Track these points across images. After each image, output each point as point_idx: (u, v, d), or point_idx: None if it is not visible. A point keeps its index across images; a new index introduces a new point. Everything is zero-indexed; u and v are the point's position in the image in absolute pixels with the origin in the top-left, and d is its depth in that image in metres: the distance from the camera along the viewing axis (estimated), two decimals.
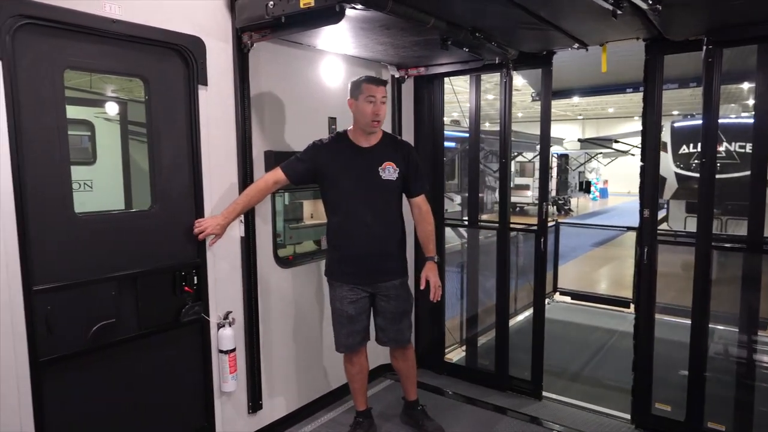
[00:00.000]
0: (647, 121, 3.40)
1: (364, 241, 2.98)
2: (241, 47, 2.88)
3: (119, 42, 2.43)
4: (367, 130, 2.97)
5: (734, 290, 3.44)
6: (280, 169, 2.93)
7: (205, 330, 2.89)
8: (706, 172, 3.24)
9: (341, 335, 3.12)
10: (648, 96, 3.37)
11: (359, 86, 2.90)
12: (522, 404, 3.83)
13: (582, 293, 7.08)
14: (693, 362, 3.30)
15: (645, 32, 3.08)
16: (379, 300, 3.10)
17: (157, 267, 2.67)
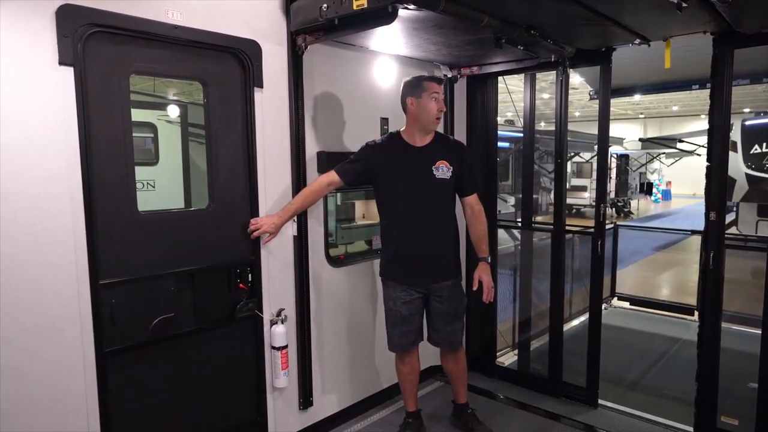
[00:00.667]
0: (714, 120, 3.21)
1: (418, 241, 2.98)
2: (296, 50, 2.94)
3: (180, 47, 2.54)
4: (428, 128, 2.98)
5: None
6: (334, 172, 2.97)
7: (258, 326, 2.97)
8: None
9: (394, 335, 3.13)
10: (715, 93, 3.18)
11: (420, 84, 2.91)
12: (576, 411, 3.71)
13: (642, 299, 6.78)
14: (763, 374, 3.09)
15: (713, 25, 2.91)
16: (432, 301, 3.09)
17: (214, 264, 2.76)
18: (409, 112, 2.97)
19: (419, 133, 2.99)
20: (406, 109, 2.98)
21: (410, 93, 2.94)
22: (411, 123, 3.00)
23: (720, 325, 3.29)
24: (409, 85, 2.96)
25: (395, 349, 3.17)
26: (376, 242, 4.01)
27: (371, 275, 3.68)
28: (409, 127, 3.02)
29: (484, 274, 3.06)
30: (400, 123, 3.67)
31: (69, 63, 2.16)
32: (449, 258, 3.08)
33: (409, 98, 2.94)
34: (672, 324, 5.90)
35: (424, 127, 2.96)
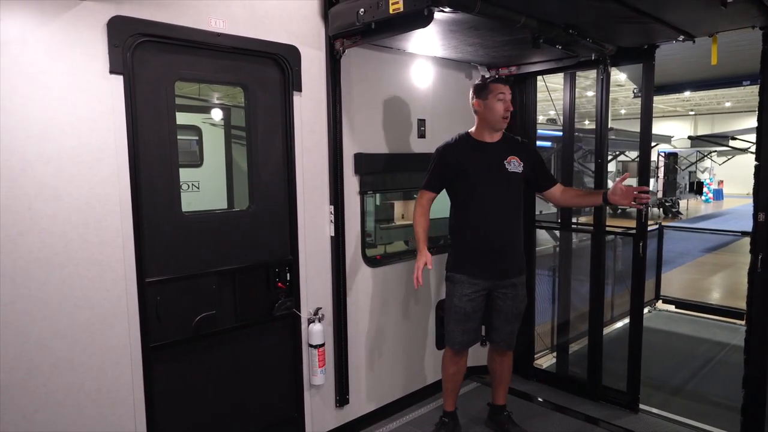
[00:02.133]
0: (764, 117, 3.09)
1: (492, 234, 3.04)
2: (334, 53, 3.00)
3: (223, 53, 2.64)
4: (496, 127, 3.08)
5: None
6: (425, 191, 3.10)
7: (296, 324, 3.05)
8: None
9: (456, 332, 3.13)
10: (766, 89, 3.05)
11: (486, 87, 3.02)
12: (615, 416, 3.63)
13: (688, 302, 6.54)
14: None
15: (762, 20, 2.80)
16: (496, 298, 3.12)
17: (254, 263, 2.85)
18: (477, 114, 3.10)
19: (488, 132, 3.10)
20: (475, 110, 3.11)
21: (477, 95, 3.06)
22: (480, 123, 3.12)
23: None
24: (476, 88, 3.08)
25: (455, 346, 3.17)
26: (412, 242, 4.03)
27: (408, 275, 3.70)
28: (478, 127, 3.13)
29: (617, 196, 2.97)
30: (437, 124, 3.72)
31: (119, 71, 2.28)
32: (520, 252, 3.17)
33: (475, 100, 3.07)
34: (720, 328, 5.67)
35: (492, 126, 3.07)
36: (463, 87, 3.91)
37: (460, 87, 3.90)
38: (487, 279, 3.07)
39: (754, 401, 3.19)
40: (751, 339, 3.20)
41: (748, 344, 3.22)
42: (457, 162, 3.06)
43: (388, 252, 4.22)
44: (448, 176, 3.08)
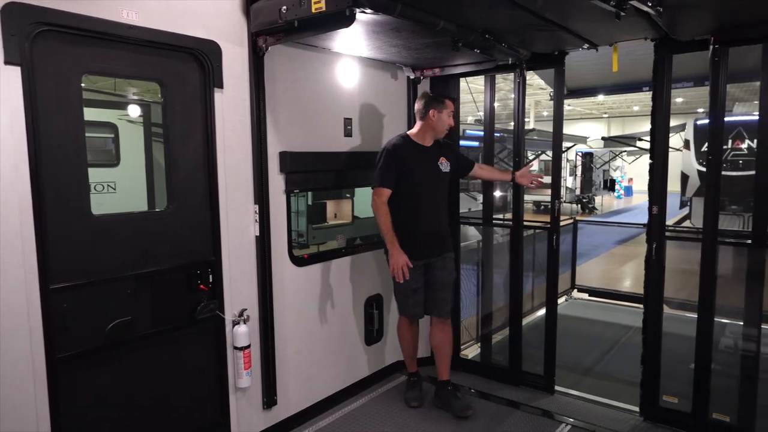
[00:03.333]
0: (656, 120, 3.39)
1: (432, 220, 3.56)
2: (256, 51, 2.97)
3: (136, 47, 2.53)
4: (439, 136, 3.59)
5: (740, 284, 3.42)
6: (381, 188, 3.41)
7: (220, 327, 2.99)
8: (714, 169, 3.24)
9: (408, 306, 3.63)
10: (657, 95, 3.36)
11: (443, 102, 3.49)
12: (534, 398, 3.87)
13: (600, 290, 7.03)
14: (699, 355, 3.31)
15: (653, 32, 3.07)
16: (432, 270, 3.59)
17: (173, 266, 2.77)
18: (428, 121, 3.49)
19: (429, 138, 3.56)
20: (425, 117, 3.49)
21: (435, 106, 3.47)
22: (426, 129, 3.53)
23: (662, 311, 3.50)
24: (435, 100, 3.48)
25: (409, 315, 3.69)
26: (341, 241, 4.07)
27: (337, 273, 3.74)
28: (422, 131, 3.54)
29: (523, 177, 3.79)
30: (364, 123, 3.77)
31: (16, 62, 2.13)
32: (448, 234, 3.74)
33: (432, 110, 3.47)
34: (627, 313, 6.14)
35: (437, 135, 3.57)
36: (388, 87, 3.99)
37: (386, 87, 3.98)
38: (425, 257, 3.54)
39: (651, 376, 3.51)
40: (647, 320, 3.51)
41: (645, 325, 3.53)
42: (405, 161, 3.43)
43: (321, 251, 4.23)
44: (397, 173, 3.41)
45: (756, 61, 3.73)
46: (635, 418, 3.56)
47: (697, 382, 3.32)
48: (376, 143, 3.91)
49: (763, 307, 3.33)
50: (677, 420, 3.42)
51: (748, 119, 12.33)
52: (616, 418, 3.58)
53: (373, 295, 4.04)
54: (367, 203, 4.44)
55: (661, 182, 3.38)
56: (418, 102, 3.52)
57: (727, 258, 3.62)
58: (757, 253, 3.23)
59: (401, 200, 3.46)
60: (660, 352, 3.47)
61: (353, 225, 5.01)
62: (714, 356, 3.32)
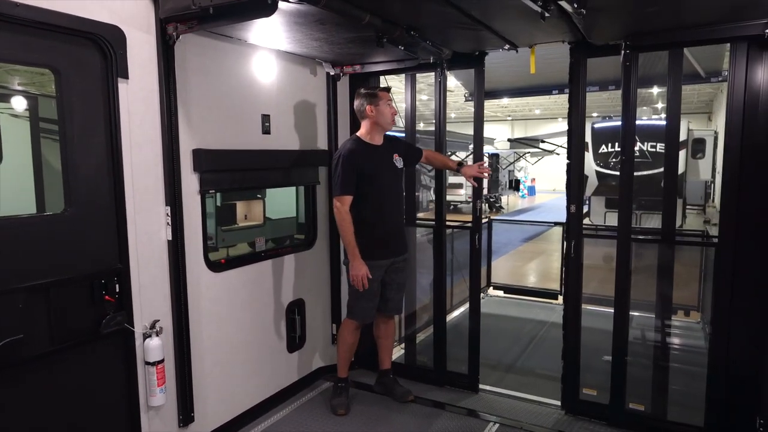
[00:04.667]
0: (572, 121, 3.53)
1: (394, 220, 3.60)
2: (166, 39, 2.71)
3: (24, 28, 2.21)
4: (387, 129, 3.53)
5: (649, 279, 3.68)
6: (343, 196, 3.33)
7: (128, 341, 2.70)
8: (626, 170, 3.42)
9: (365, 309, 3.55)
10: (573, 97, 3.49)
11: (376, 94, 3.43)
12: (460, 398, 3.90)
13: (514, 287, 7.31)
14: (615, 348, 3.47)
15: (570, 35, 3.19)
16: (390, 273, 3.58)
17: (73, 275, 2.46)
18: (369, 118, 3.44)
19: (378, 135, 3.51)
20: (365, 115, 3.44)
21: (369, 102, 3.42)
22: (371, 126, 3.47)
23: (581, 307, 3.63)
24: (367, 96, 3.43)
25: (366, 320, 3.62)
26: (260, 244, 3.87)
27: (255, 279, 3.54)
28: (369, 130, 3.48)
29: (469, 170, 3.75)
30: (282, 120, 3.60)
31: None
32: (405, 234, 3.76)
33: (368, 106, 3.42)
34: (540, 308, 6.42)
35: (383, 128, 3.50)
36: (308, 83, 3.85)
37: (306, 83, 3.83)
38: (387, 258, 3.54)
39: (571, 371, 3.64)
40: (567, 316, 3.65)
41: (565, 321, 3.66)
42: (362, 165, 3.37)
43: (230, 255, 4.00)
44: (356, 179, 3.34)
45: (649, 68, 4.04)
46: (558, 412, 3.68)
47: (614, 374, 3.47)
48: (295, 141, 3.76)
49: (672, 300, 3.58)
50: (597, 411, 3.56)
51: (641, 123, 13.53)
52: (539, 413, 3.68)
53: (294, 300, 3.88)
54: (278, 203, 4.28)
55: (578, 182, 3.52)
56: (355, 101, 3.49)
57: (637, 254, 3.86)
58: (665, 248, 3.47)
59: (364, 204, 3.41)
60: (579, 347, 3.61)
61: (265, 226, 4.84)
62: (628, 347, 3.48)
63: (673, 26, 3.03)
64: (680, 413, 3.47)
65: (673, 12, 2.76)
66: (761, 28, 2.79)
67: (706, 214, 17.17)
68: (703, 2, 2.68)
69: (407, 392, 3.79)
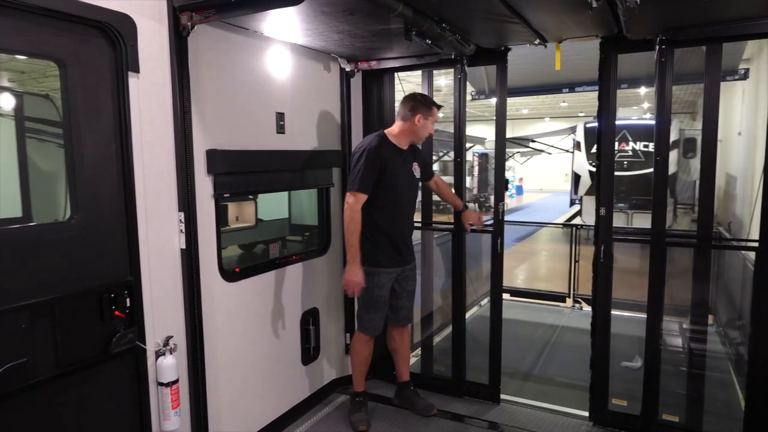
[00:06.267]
0: (604, 121, 3.38)
1: (406, 227, 3.44)
2: (179, 30, 2.48)
3: (28, 14, 1.97)
4: (417, 142, 3.42)
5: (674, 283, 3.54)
6: (358, 192, 3.12)
7: (141, 360, 2.46)
8: (660, 170, 3.28)
9: (375, 319, 3.37)
10: (603, 94, 3.34)
11: (431, 109, 3.30)
12: (482, 410, 3.71)
13: (521, 290, 7.16)
14: (648, 357, 3.32)
15: (606, 29, 3.03)
16: (400, 281, 3.43)
17: (80, 290, 2.22)
18: (412, 124, 3.27)
19: (407, 141, 3.34)
20: (409, 120, 3.27)
21: (423, 111, 3.26)
22: (407, 132, 3.30)
23: (610, 314, 3.48)
24: (423, 104, 3.28)
25: (375, 332, 3.42)
26: (274, 250, 3.65)
27: (272, 286, 3.32)
28: (402, 133, 3.30)
29: (472, 215, 3.75)
30: (296, 119, 3.38)
31: None
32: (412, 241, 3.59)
33: (419, 114, 3.26)
34: (548, 312, 6.30)
35: (415, 140, 3.38)
36: (322, 79, 3.65)
37: (320, 79, 3.63)
38: (398, 266, 3.38)
39: (600, 380, 3.49)
40: (596, 323, 3.49)
41: (594, 328, 3.50)
42: (385, 165, 3.17)
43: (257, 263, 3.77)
44: (377, 178, 3.15)
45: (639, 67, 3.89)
46: (586, 424, 3.52)
47: (646, 383, 3.32)
48: (308, 141, 3.54)
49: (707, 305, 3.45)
50: (627, 423, 3.41)
51: (631, 123, 13.53)
52: (567, 426, 3.52)
53: (309, 309, 3.67)
54: (270, 205, 4.05)
55: (608, 184, 3.37)
56: (405, 103, 3.30)
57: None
58: (699, 252, 3.33)
59: (379, 206, 3.23)
60: (609, 355, 3.46)
61: (257, 228, 4.66)
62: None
63: (711, 20, 2.88)
64: (716, 423, 3.33)
65: (715, 4, 2.60)
66: None
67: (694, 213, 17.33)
68: None
69: (430, 406, 3.62)
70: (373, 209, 3.21)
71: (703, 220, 3.29)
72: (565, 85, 5.80)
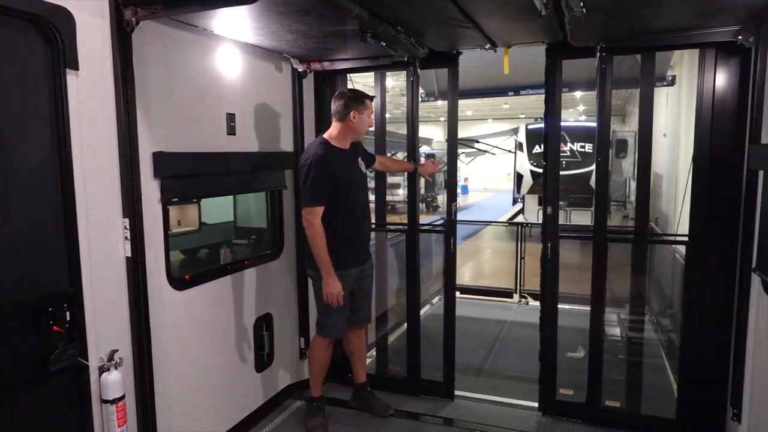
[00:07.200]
0: (548, 124, 3.49)
1: (365, 226, 3.44)
2: (123, 25, 2.35)
3: None
4: (358, 139, 3.36)
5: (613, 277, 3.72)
6: (314, 207, 3.06)
7: (82, 377, 2.31)
8: (602, 170, 3.43)
9: (338, 322, 3.33)
10: (549, 98, 3.45)
11: (363, 102, 3.21)
12: (437, 407, 3.76)
13: (470, 287, 7.30)
14: (592, 347, 3.48)
15: (552, 36, 3.13)
16: (359, 281, 3.40)
17: (12, 303, 2.05)
18: (349, 123, 3.19)
19: (349, 141, 3.28)
20: (345, 119, 3.18)
21: (355, 107, 3.18)
22: (346, 131, 3.22)
23: (557, 308, 3.60)
24: (354, 100, 3.18)
25: (337, 336, 3.40)
26: (225, 255, 3.53)
27: (223, 293, 3.22)
28: (341, 134, 3.23)
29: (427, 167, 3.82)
30: (247, 120, 3.30)
31: None
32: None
33: (353, 111, 3.18)
34: (496, 308, 6.46)
35: (356, 137, 3.31)
36: (273, 79, 3.57)
37: (271, 79, 3.55)
38: (357, 265, 3.35)
39: (548, 372, 3.61)
40: (544, 317, 3.61)
41: (542, 322, 3.61)
42: (333, 172, 3.13)
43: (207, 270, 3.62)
44: (328, 187, 3.10)
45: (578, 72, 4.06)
46: (536, 414, 3.64)
47: (590, 372, 3.47)
48: (260, 142, 3.45)
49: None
50: (574, 411, 3.55)
51: (569, 125, 14.12)
52: (519, 417, 3.62)
53: (262, 315, 3.58)
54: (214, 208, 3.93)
55: (553, 183, 3.48)
56: (336, 102, 3.19)
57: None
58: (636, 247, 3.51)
59: (336, 213, 3.17)
60: (556, 347, 3.59)
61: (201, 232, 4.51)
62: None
63: (646, 31, 3.03)
64: (652, 406, 3.52)
65: (650, 16, 2.74)
66: (729, 35, 2.85)
67: (626, 210, 18.26)
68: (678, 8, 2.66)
69: (387, 406, 3.62)
70: (333, 215, 3.15)
71: (641, 217, 3.47)
72: (510, 89, 5.98)
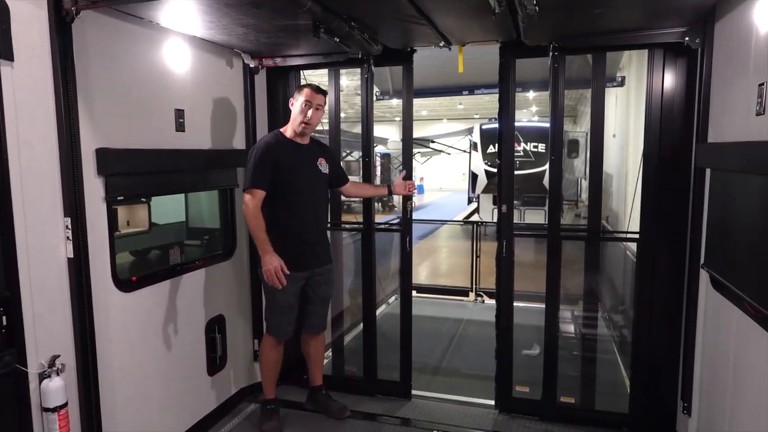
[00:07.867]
0: (501, 123, 3.54)
1: (313, 227, 3.25)
2: (62, 15, 2.24)
3: None
4: (297, 131, 3.16)
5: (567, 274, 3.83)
6: (254, 189, 3.00)
7: (21, 385, 2.19)
8: (555, 169, 3.51)
9: (282, 323, 3.25)
10: (503, 97, 3.50)
11: (301, 89, 3.12)
12: (394, 408, 3.75)
13: (425, 286, 7.35)
14: (547, 344, 3.54)
15: (506, 35, 3.18)
16: (312, 285, 3.30)
17: None
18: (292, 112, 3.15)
19: (299, 133, 3.17)
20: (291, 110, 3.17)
21: (294, 96, 3.15)
22: (291, 121, 3.17)
23: (512, 306, 3.66)
24: (296, 89, 3.17)
25: (282, 336, 3.30)
26: (174, 256, 3.42)
27: (173, 294, 3.11)
28: (291, 125, 3.18)
29: (399, 186, 3.61)
30: (197, 117, 3.21)
31: None
32: (328, 242, 3.48)
33: (291, 98, 3.17)
34: (453, 306, 6.53)
35: (301, 129, 3.14)
36: (224, 75, 3.49)
37: (222, 75, 3.46)
38: (305, 269, 3.22)
39: (504, 370, 3.66)
40: (500, 315, 3.66)
41: (498, 321, 3.67)
42: (280, 161, 3.07)
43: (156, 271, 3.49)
44: (272, 175, 3.05)
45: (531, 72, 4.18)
46: (492, 412, 3.67)
47: (546, 369, 3.54)
48: (211, 140, 3.37)
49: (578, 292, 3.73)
50: (530, 408, 3.61)
51: (523, 125, 14.48)
52: (475, 415, 3.65)
53: (214, 317, 3.48)
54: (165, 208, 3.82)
55: (508, 182, 3.54)
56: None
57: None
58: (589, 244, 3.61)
59: (279, 205, 3.10)
60: (512, 345, 3.64)
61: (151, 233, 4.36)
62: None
63: (597, 31, 3.12)
64: (606, 401, 3.63)
65: (602, 16, 2.83)
66: (677, 36, 2.97)
67: (578, 208, 18.87)
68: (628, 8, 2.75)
69: (343, 408, 3.58)
70: (273, 207, 3.09)
71: (593, 215, 3.57)
72: (465, 88, 6.06)
